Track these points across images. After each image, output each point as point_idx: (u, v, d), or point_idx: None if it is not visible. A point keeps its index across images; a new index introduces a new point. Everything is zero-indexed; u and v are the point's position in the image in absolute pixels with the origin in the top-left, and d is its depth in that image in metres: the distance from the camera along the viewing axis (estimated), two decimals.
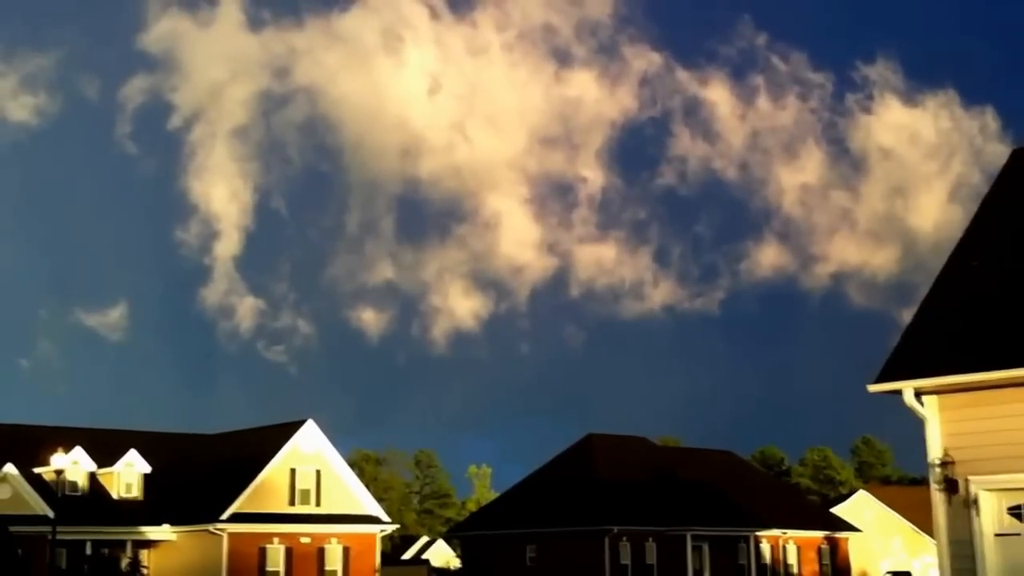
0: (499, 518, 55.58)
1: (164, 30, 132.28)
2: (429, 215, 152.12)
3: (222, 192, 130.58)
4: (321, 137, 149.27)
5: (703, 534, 52.55)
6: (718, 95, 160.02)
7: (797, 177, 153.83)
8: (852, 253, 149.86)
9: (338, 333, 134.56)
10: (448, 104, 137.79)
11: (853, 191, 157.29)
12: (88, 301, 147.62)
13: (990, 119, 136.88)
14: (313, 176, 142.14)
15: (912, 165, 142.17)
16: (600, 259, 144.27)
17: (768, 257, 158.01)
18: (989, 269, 17.48)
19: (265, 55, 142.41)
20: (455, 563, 59.54)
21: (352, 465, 50.97)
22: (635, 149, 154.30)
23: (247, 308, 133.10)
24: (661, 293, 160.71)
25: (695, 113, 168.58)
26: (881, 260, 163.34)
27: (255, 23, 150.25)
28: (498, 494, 68.12)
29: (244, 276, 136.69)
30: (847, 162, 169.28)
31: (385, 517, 49.94)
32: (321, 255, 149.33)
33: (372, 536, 48.58)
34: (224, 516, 44.39)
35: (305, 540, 46.18)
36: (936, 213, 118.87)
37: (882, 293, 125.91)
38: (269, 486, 46.10)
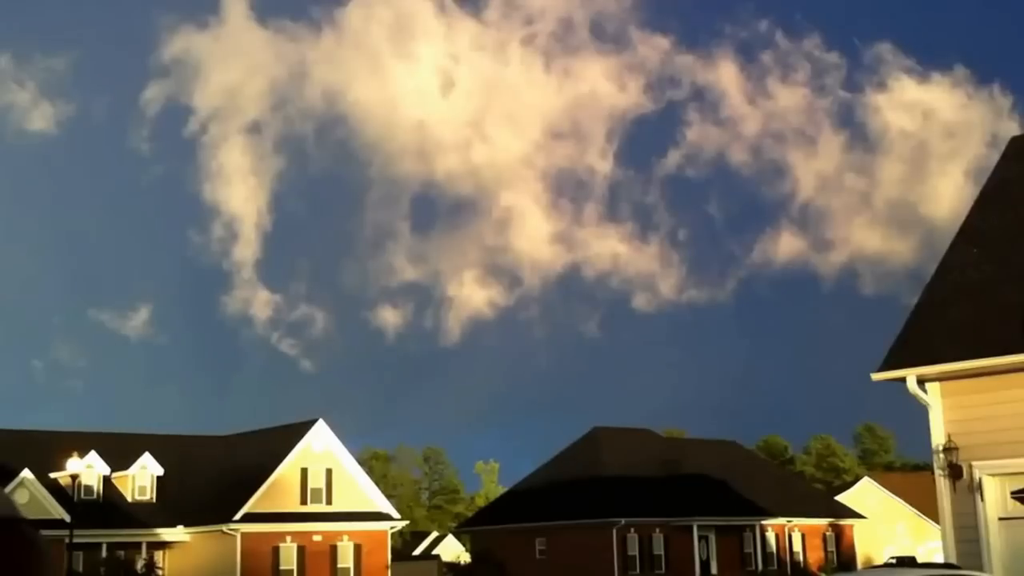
0: (508, 512, 56.09)
1: (178, 37, 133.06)
2: (443, 211, 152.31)
3: (240, 194, 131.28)
4: (337, 136, 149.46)
5: (709, 524, 53.07)
6: (727, 81, 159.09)
7: (809, 163, 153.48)
8: (864, 239, 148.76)
9: (355, 331, 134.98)
10: (460, 100, 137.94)
11: (866, 175, 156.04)
12: (108, 303, 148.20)
13: (1000, 97, 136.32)
14: (329, 176, 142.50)
15: (925, 147, 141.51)
16: (613, 251, 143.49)
17: (779, 245, 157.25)
18: (990, 256, 17.90)
19: (279, 57, 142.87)
20: (465, 558, 60.03)
21: (362, 463, 51.42)
22: (647, 139, 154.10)
23: (266, 308, 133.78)
24: (668, 284, 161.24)
25: (705, 100, 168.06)
26: (894, 246, 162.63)
27: (267, 26, 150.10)
28: (506, 489, 68.62)
29: (262, 276, 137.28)
30: (860, 146, 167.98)
31: (395, 514, 50.43)
32: (338, 254, 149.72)
33: (383, 533, 49.08)
34: (237, 516, 44.89)
35: (317, 538, 46.67)
36: (951, 195, 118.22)
37: (894, 279, 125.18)
38: (281, 486, 46.61)
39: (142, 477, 48.07)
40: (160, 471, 48.29)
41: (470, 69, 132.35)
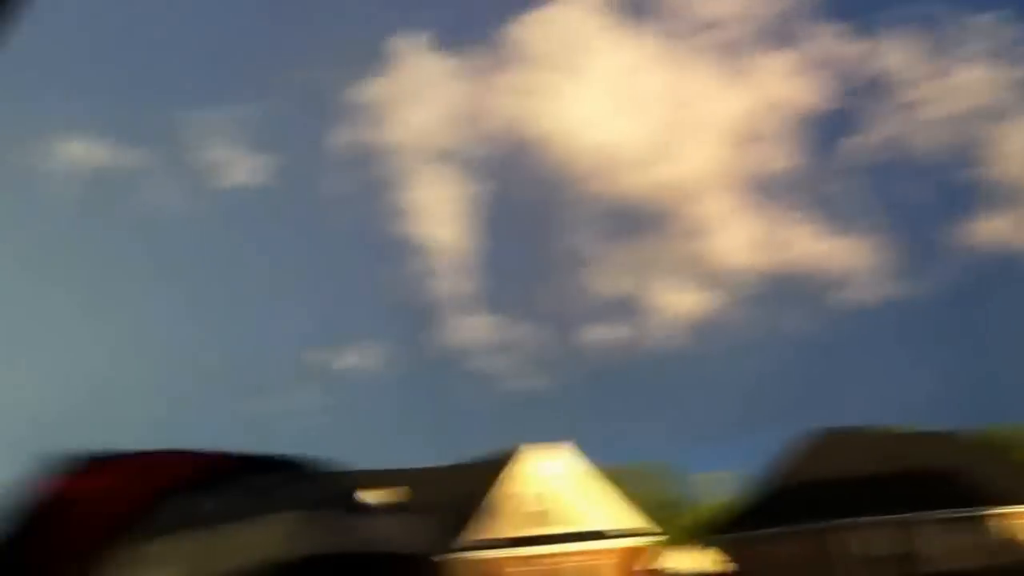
0: (757, 518, 55.01)
1: (358, 81, 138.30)
2: (638, 225, 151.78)
3: (437, 226, 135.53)
4: (522, 160, 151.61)
5: (943, 518, 50.62)
6: (908, 64, 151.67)
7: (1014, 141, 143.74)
8: None
9: (563, 352, 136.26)
10: (640, 113, 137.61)
11: None
12: (327, 343, 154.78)
13: None
14: (521, 200, 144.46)
15: None
16: (818, 249, 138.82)
17: (986, 228, 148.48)
18: None
19: (458, 86, 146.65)
20: (708, 566, 59.85)
21: (589, 481, 51.55)
22: (832, 133, 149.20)
23: (476, 335, 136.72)
24: (876, 277, 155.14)
25: (885, 88, 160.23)
26: None
27: (444, 57, 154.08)
28: (735, 498, 67.43)
29: (468, 304, 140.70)
30: None
31: (647, 528, 51.82)
32: (540, 276, 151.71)
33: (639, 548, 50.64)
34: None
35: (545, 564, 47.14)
36: None
37: None
38: (503, 510, 47.17)
39: None
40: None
41: (647, 82, 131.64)
